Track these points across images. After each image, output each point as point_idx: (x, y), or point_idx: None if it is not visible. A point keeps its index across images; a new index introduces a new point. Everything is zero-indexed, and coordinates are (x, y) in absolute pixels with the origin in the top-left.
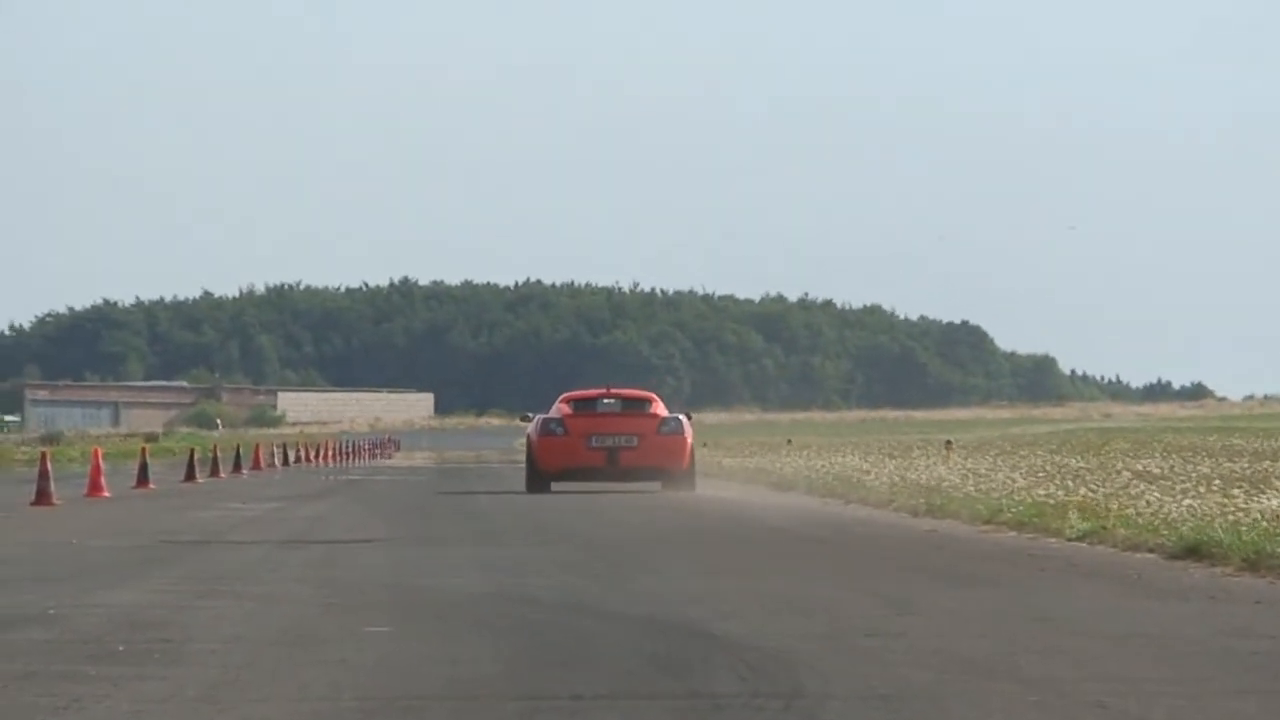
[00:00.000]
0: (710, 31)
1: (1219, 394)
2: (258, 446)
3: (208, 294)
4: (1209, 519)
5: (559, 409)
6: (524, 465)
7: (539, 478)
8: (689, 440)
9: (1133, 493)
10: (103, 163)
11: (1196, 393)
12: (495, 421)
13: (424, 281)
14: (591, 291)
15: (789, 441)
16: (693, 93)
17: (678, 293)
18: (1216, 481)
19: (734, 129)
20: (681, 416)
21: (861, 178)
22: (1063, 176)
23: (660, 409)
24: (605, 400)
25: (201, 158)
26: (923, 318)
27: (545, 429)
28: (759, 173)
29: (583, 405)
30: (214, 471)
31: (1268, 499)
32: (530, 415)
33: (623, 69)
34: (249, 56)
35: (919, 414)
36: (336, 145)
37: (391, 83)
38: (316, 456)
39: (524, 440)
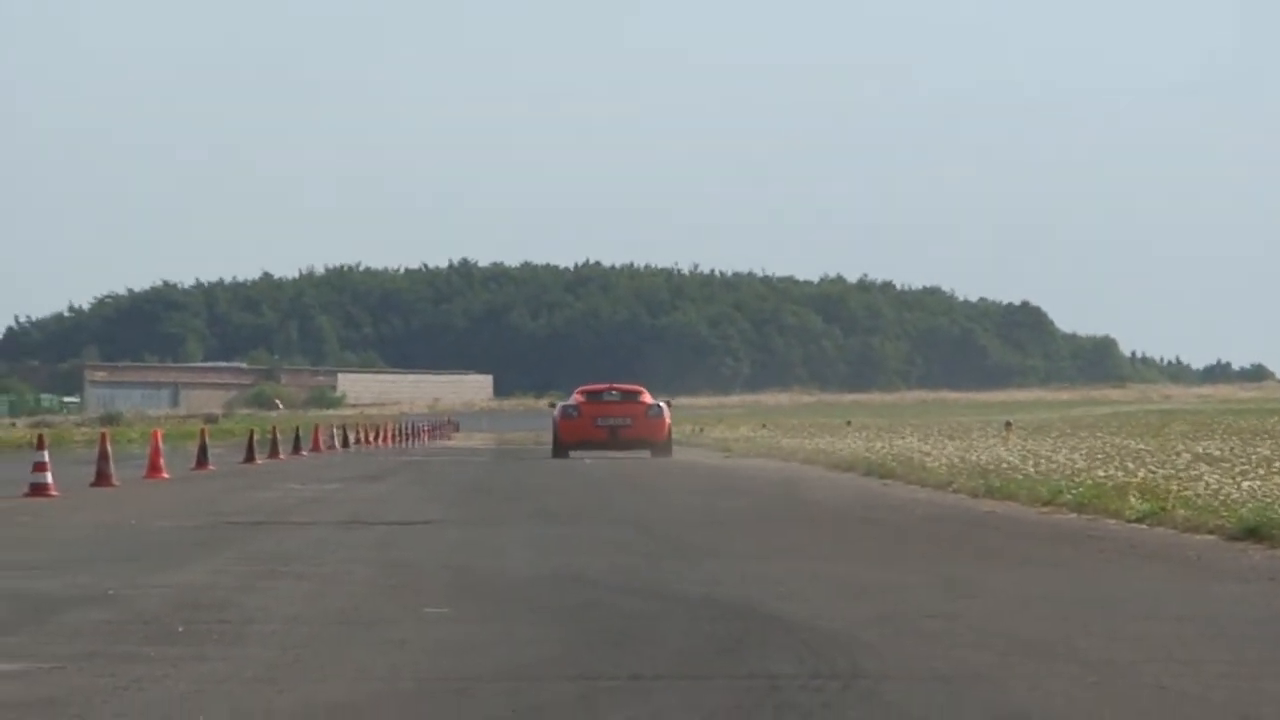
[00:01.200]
0: (772, 5)
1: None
2: (317, 428)
3: (267, 275)
4: (1269, 501)
5: (575, 398)
6: (552, 446)
7: (560, 447)
8: (667, 421)
9: (1193, 474)
10: (163, 144)
11: (1257, 374)
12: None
13: (483, 263)
14: (651, 273)
15: (848, 423)
16: (754, 72)
17: (737, 274)
18: (1277, 463)
19: (795, 109)
20: (662, 404)
21: (921, 159)
22: (1120, 158)
23: (647, 399)
24: (609, 393)
25: (261, 140)
26: (982, 299)
27: (565, 413)
28: (819, 153)
29: (592, 396)
30: (273, 453)
31: None
32: (555, 403)
33: (680, 48)
34: (310, 41)
35: (978, 396)
36: (396, 127)
37: (447, 62)
38: (376, 438)
39: (551, 421)
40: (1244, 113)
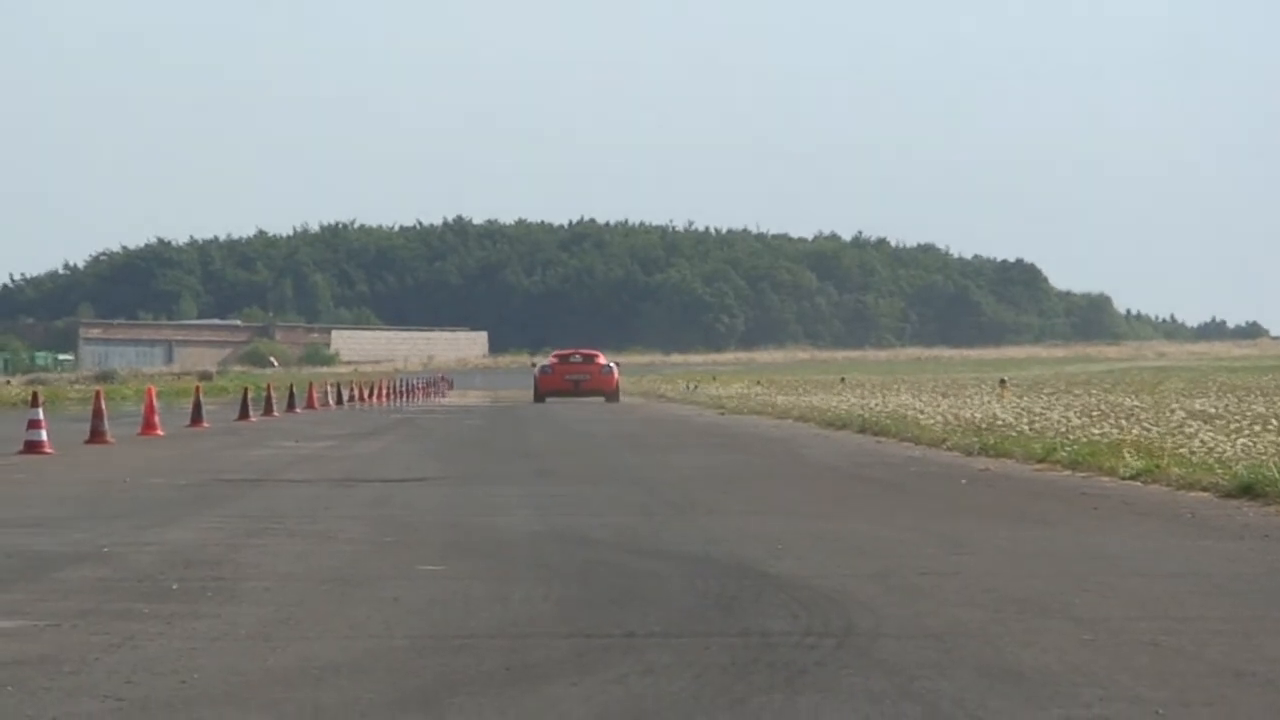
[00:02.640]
0: None
1: (1274, 333)
2: (311, 385)
3: (261, 232)
4: (1263, 458)
5: (550, 360)
6: (533, 395)
7: (540, 395)
8: (616, 377)
9: (1187, 432)
10: (157, 100)
11: (1252, 332)
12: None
13: (478, 220)
14: (645, 230)
15: (842, 380)
16: (748, 31)
17: (731, 231)
18: (1271, 421)
19: (787, 67)
20: (612, 364)
21: (915, 115)
22: (1116, 115)
23: (602, 360)
24: (574, 357)
25: (255, 96)
26: (977, 256)
27: (543, 370)
28: (813, 110)
29: (562, 358)
30: (268, 410)
31: None
32: (535, 363)
33: (675, 5)
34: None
35: (973, 353)
36: (389, 83)
37: (441, 21)
38: (370, 395)
39: (533, 377)
40: (1240, 69)
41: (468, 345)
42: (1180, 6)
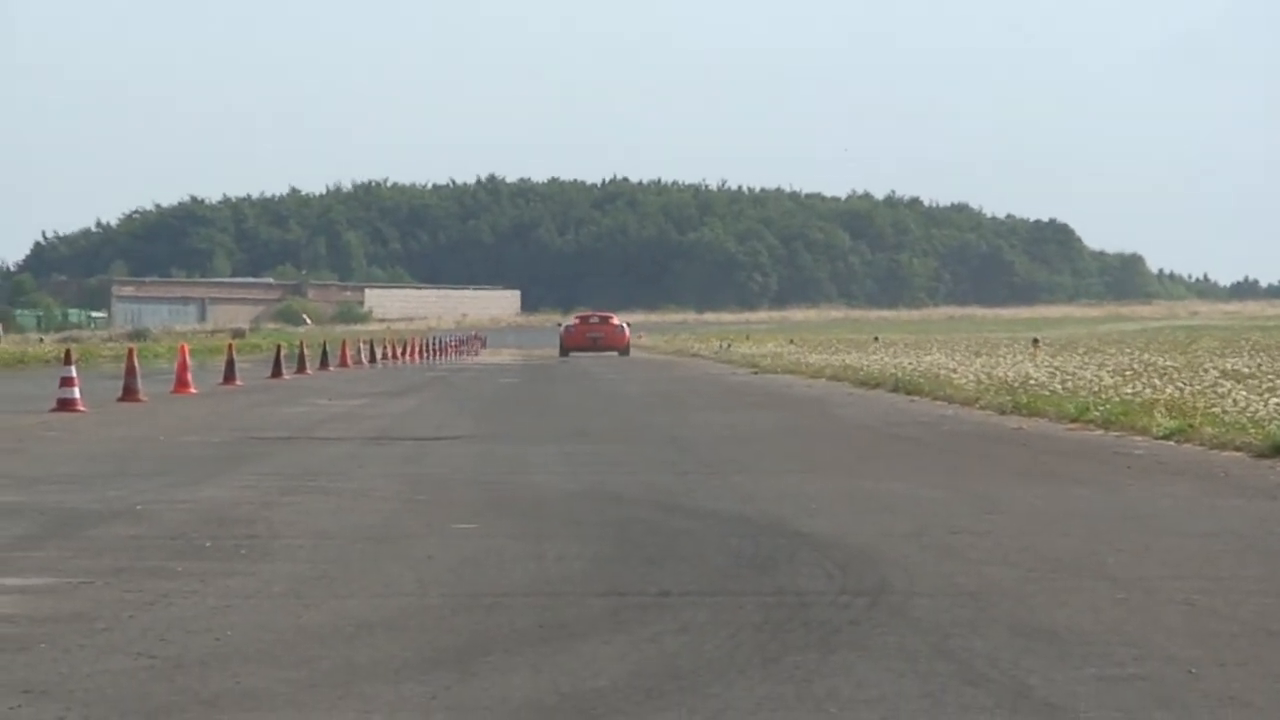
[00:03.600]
0: None
1: None
2: (344, 343)
3: (295, 191)
4: None
5: (573, 320)
6: (559, 352)
7: (564, 350)
8: (627, 335)
9: (1220, 391)
10: (191, 60)
11: None
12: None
13: (511, 179)
14: (678, 189)
15: (875, 339)
16: None
17: (764, 190)
18: None
19: (823, 26)
20: (624, 324)
21: (951, 74)
22: (1151, 74)
23: (615, 321)
24: (593, 318)
25: (288, 55)
26: (1010, 216)
27: (567, 330)
28: (846, 71)
29: (583, 319)
30: (301, 368)
31: None
32: (560, 323)
33: None
34: None
35: (1006, 312)
36: (424, 42)
37: None
38: (403, 353)
39: (559, 335)
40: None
41: (500, 303)
42: None
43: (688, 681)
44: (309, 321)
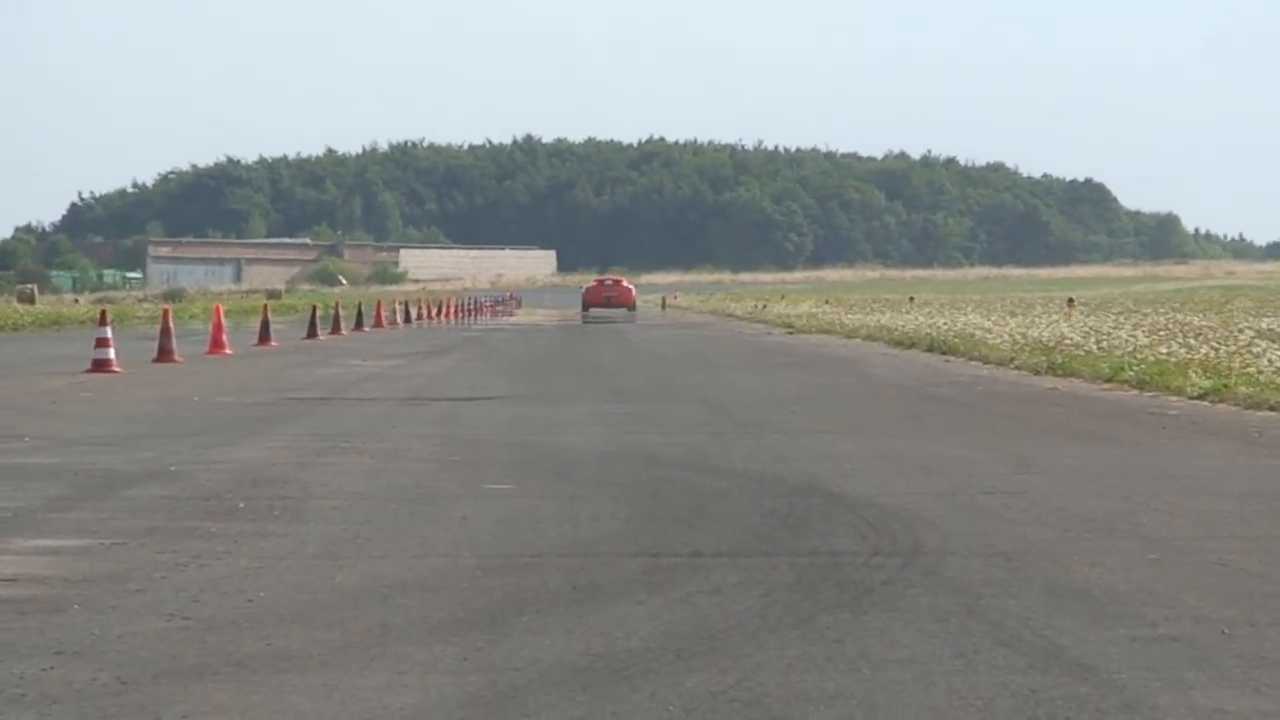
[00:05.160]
0: None
1: None
2: (379, 304)
3: (331, 151)
4: None
5: (592, 283)
6: (581, 309)
7: (585, 306)
8: (634, 295)
9: (1255, 351)
10: (228, 19)
11: None
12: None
13: (547, 139)
14: (714, 149)
15: (911, 299)
16: None
17: (800, 150)
18: None
19: None
20: (632, 286)
21: (985, 33)
22: (1188, 33)
23: (625, 283)
24: (607, 280)
25: (324, 14)
26: (1046, 175)
27: (587, 290)
28: (882, 28)
29: (600, 282)
30: (336, 329)
31: None
32: (583, 287)
33: None
34: None
35: (1041, 272)
36: (458, 2)
37: None
38: (438, 314)
39: (580, 295)
40: None
41: (536, 264)
42: None
43: (720, 642)
44: (344, 282)
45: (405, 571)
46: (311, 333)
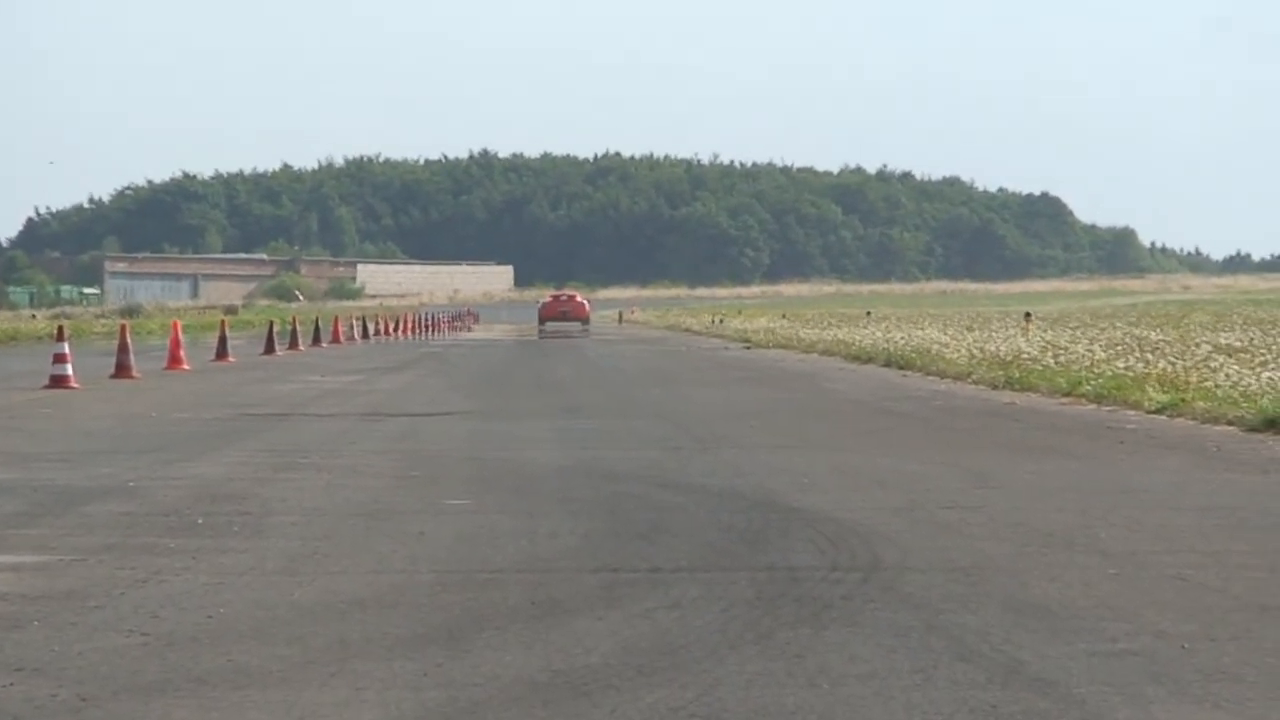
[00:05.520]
0: None
1: None
2: (337, 319)
3: (287, 166)
4: None
5: (548, 298)
6: (537, 323)
7: (541, 320)
8: (588, 309)
9: (1212, 365)
10: (182, 34)
11: (1277, 265)
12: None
13: (503, 154)
14: (670, 163)
15: (868, 313)
16: None
17: (756, 164)
18: None
19: (820, 3)
20: (585, 301)
21: (941, 48)
22: (1142, 47)
23: (579, 298)
24: (562, 296)
25: (280, 29)
26: (1002, 189)
27: (543, 305)
28: (837, 43)
29: (555, 297)
30: (293, 344)
31: None
32: (539, 300)
33: None
34: None
35: (998, 286)
36: (414, 17)
37: None
38: (396, 329)
39: (536, 310)
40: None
41: (493, 279)
42: None
43: (680, 657)
44: (301, 297)
45: (364, 587)
46: (269, 348)
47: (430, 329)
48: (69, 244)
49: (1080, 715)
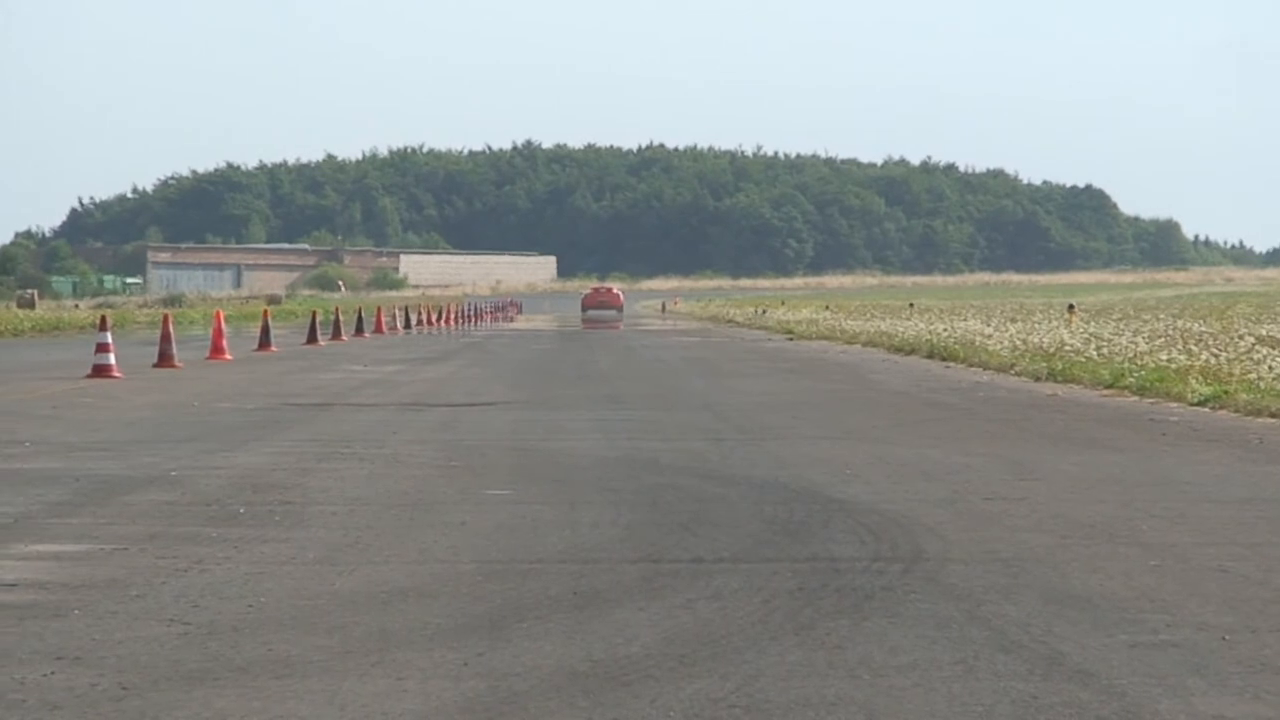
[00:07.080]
0: None
1: None
2: (379, 309)
3: (330, 157)
4: None
5: (589, 289)
6: (580, 311)
7: (584, 309)
8: (623, 300)
9: (1255, 358)
10: (228, 26)
11: None
12: (617, 286)
13: (547, 144)
14: (714, 155)
15: (911, 305)
16: None
17: (800, 156)
18: None
19: None
20: (620, 291)
21: (986, 40)
22: (1187, 41)
23: (615, 289)
24: (601, 288)
25: (325, 20)
26: (1046, 181)
27: (585, 296)
28: (882, 36)
29: (595, 290)
30: (336, 334)
31: None
32: (581, 293)
33: None
34: None
35: (1041, 278)
36: (459, 9)
37: None
38: (438, 319)
39: (580, 299)
40: None
41: (536, 270)
42: None
43: (720, 648)
44: (344, 288)
45: (405, 577)
46: (312, 338)
47: (473, 319)
48: (112, 234)
49: (1121, 707)
